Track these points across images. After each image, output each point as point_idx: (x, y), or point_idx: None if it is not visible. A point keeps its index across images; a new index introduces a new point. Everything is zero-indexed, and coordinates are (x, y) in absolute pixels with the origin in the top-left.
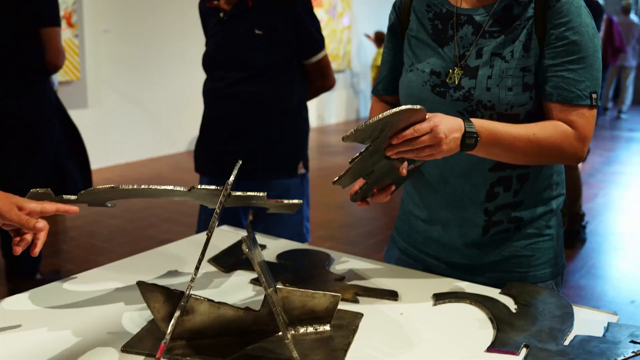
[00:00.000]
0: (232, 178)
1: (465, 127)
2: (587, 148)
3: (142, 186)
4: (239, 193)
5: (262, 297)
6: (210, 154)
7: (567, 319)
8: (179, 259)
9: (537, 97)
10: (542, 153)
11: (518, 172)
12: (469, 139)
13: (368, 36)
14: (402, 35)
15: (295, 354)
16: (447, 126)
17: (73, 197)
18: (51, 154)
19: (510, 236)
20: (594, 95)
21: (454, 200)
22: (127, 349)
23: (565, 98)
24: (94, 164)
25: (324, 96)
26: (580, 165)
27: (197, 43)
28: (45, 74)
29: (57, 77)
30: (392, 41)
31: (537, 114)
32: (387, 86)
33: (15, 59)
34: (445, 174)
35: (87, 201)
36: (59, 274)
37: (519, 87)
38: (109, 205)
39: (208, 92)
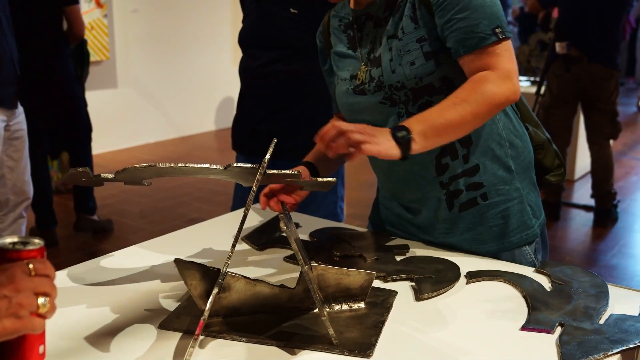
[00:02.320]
0: (267, 156)
1: (391, 128)
2: (517, 82)
3: (179, 164)
4: (273, 171)
5: (296, 275)
6: (245, 132)
7: (602, 297)
8: (212, 237)
9: (448, 60)
10: (476, 108)
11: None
12: (399, 132)
13: None
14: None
15: (331, 331)
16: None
17: (110, 176)
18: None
19: (480, 208)
20: (497, 30)
21: (410, 182)
22: (165, 325)
23: (470, 46)
24: (125, 143)
25: None
26: (611, 142)
27: (224, 22)
28: (66, 45)
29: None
30: (325, 64)
31: (457, 77)
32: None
33: (45, 32)
34: (391, 161)
35: (124, 179)
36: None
37: (421, 59)
38: (145, 183)
39: (243, 70)
